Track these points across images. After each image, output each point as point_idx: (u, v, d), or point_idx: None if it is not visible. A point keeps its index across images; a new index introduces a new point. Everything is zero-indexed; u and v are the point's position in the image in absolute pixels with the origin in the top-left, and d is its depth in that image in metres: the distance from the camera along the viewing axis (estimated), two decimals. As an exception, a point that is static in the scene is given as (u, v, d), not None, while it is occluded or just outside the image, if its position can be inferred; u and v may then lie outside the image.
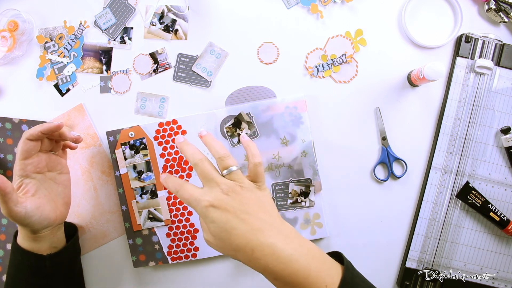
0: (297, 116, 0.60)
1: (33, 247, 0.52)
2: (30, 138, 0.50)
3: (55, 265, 0.53)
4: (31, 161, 0.51)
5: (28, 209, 0.49)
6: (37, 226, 0.51)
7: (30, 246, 0.52)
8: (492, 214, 0.58)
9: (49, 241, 0.53)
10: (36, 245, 0.52)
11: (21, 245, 0.52)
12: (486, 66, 0.57)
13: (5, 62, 0.63)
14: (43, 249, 0.53)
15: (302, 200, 0.60)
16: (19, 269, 0.52)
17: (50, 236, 0.53)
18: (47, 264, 0.52)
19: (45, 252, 0.53)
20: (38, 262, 0.52)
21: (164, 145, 0.61)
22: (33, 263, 0.52)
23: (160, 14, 0.62)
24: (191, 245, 0.61)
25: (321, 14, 0.61)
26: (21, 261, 0.52)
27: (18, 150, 0.50)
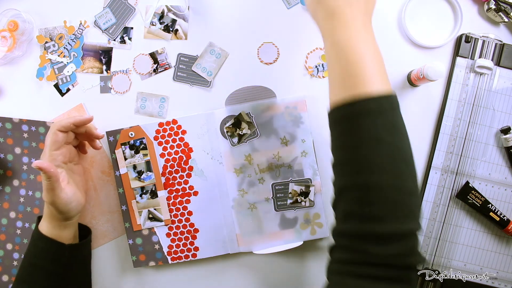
0: (297, 116, 0.60)
1: (58, 235, 0.55)
2: (61, 129, 0.54)
3: (73, 256, 0.56)
4: (60, 152, 0.54)
5: (69, 194, 0.54)
6: (74, 211, 0.55)
7: (54, 234, 0.55)
8: (492, 214, 0.58)
9: (74, 229, 0.58)
10: (61, 233, 0.55)
11: (44, 233, 0.55)
12: (486, 66, 0.57)
13: (5, 62, 0.63)
14: (68, 237, 0.56)
15: (302, 200, 0.60)
16: (39, 256, 0.55)
17: (75, 224, 0.58)
18: (67, 254, 0.55)
19: (67, 242, 0.56)
20: (59, 250, 0.55)
21: (164, 145, 0.61)
22: (55, 250, 0.55)
23: (160, 14, 0.62)
24: (191, 245, 0.61)
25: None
26: (43, 248, 0.54)
27: (48, 142, 0.53)
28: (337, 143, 0.41)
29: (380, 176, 0.37)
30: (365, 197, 0.37)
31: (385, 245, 0.36)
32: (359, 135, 0.38)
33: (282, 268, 0.62)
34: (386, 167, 0.37)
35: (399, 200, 0.37)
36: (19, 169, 0.63)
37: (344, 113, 0.40)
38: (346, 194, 0.39)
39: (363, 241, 0.37)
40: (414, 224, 0.38)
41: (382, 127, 0.38)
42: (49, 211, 0.54)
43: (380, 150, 0.37)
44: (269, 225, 0.60)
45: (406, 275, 0.36)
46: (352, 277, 0.36)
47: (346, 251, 0.38)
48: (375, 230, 0.36)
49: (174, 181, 0.61)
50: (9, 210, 0.64)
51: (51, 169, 0.50)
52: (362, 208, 0.37)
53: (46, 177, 0.50)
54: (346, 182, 0.39)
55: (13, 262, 0.64)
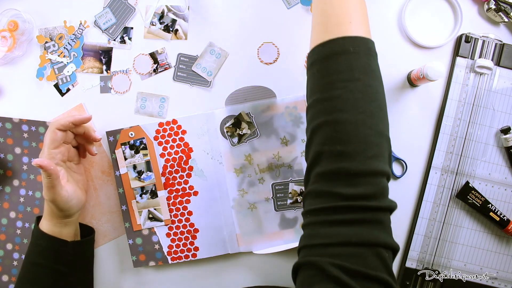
0: (297, 116, 0.60)
1: (59, 233, 0.55)
2: (60, 128, 0.54)
3: (77, 254, 0.57)
4: (59, 150, 0.55)
5: (69, 192, 0.54)
6: (74, 209, 0.55)
7: (55, 232, 0.55)
8: (492, 214, 0.58)
9: (74, 227, 0.58)
10: (62, 231, 0.55)
11: (45, 231, 0.55)
12: (486, 66, 0.57)
13: (5, 62, 0.63)
14: (69, 235, 0.56)
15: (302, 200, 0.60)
16: (42, 255, 0.55)
17: (76, 222, 0.58)
18: (70, 251, 0.56)
19: (69, 239, 0.56)
20: (62, 248, 0.55)
21: (164, 145, 0.61)
22: (58, 248, 0.55)
23: (160, 14, 0.62)
24: (191, 245, 0.61)
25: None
26: (46, 247, 0.55)
27: (47, 140, 0.53)
28: (312, 85, 0.41)
29: (351, 114, 0.37)
30: (337, 134, 0.37)
31: (356, 185, 0.35)
32: (333, 75, 0.38)
33: (282, 268, 0.62)
34: (359, 105, 0.37)
35: (370, 140, 0.36)
36: (19, 169, 0.63)
37: (321, 53, 0.40)
38: (318, 134, 0.38)
39: (334, 182, 0.36)
40: (385, 167, 0.37)
41: (356, 67, 0.38)
42: (49, 209, 0.55)
43: (353, 89, 0.37)
44: (269, 225, 0.60)
45: (377, 216, 0.35)
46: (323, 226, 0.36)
47: (316, 197, 0.38)
48: (346, 169, 0.36)
49: (174, 181, 0.61)
50: (9, 210, 0.64)
51: (51, 166, 0.50)
52: (334, 146, 0.37)
53: (46, 174, 0.50)
54: (319, 122, 0.39)
55: (13, 262, 0.64)
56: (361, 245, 0.34)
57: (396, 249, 0.36)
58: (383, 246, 0.35)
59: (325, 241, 0.35)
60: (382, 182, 0.37)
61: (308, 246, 0.37)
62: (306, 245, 0.37)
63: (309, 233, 0.38)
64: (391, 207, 0.37)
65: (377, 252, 0.34)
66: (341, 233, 0.35)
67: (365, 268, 0.33)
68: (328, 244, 0.35)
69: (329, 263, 0.33)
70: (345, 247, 0.34)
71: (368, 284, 0.33)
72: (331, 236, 0.35)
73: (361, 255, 0.34)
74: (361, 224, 0.35)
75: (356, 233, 0.34)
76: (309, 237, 0.37)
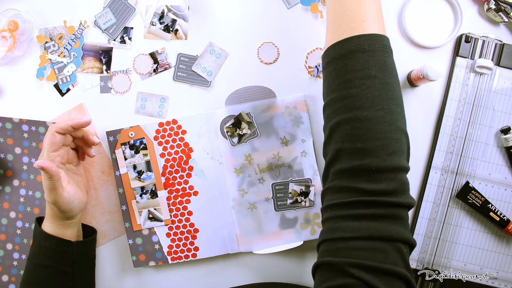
0: (297, 116, 0.60)
1: (62, 234, 0.55)
2: (59, 131, 0.54)
3: (81, 253, 0.57)
4: (58, 153, 0.55)
5: (71, 193, 0.54)
6: (76, 210, 0.56)
7: (58, 234, 0.55)
8: (492, 214, 0.58)
9: (77, 228, 0.58)
10: (65, 232, 0.56)
11: (49, 232, 0.55)
12: (486, 66, 0.57)
13: (5, 62, 0.63)
14: (72, 236, 0.57)
15: (302, 200, 0.60)
16: (46, 256, 0.55)
17: (78, 223, 0.59)
18: (75, 251, 0.56)
19: (72, 240, 0.56)
20: (67, 248, 0.55)
21: (164, 145, 0.61)
22: (63, 248, 0.55)
23: (160, 14, 0.62)
24: (191, 245, 0.61)
25: (321, 14, 0.60)
26: (50, 248, 0.55)
27: (46, 143, 0.54)
28: (329, 83, 0.41)
29: (370, 111, 0.37)
30: (356, 131, 0.37)
31: (377, 181, 0.35)
32: (349, 73, 0.39)
33: (282, 268, 0.62)
34: (377, 102, 0.37)
35: (390, 136, 0.37)
36: (19, 169, 0.63)
37: (337, 52, 0.40)
38: (338, 131, 0.39)
39: (355, 178, 0.36)
40: (405, 162, 0.37)
41: (373, 65, 0.38)
42: (51, 211, 0.55)
43: (370, 86, 0.38)
44: (269, 225, 0.60)
45: (398, 212, 0.36)
46: (345, 220, 0.36)
47: (337, 192, 0.38)
48: (367, 165, 0.36)
49: (174, 181, 0.61)
50: (9, 210, 0.64)
51: (53, 168, 0.50)
52: (354, 143, 0.37)
53: (48, 176, 0.50)
54: (338, 120, 0.39)
55: (13, 262, 0.64)
56: (383, 240, 0.34)
57: (414, 245, 0.36)
58: (403, 242, 0.35)
59: (347, 234, 0.35)
60: (403, 178, 0.37)
61: (329, 240, 0.37)
62: (327, 239, 0.37)
63: (330, 227, 0.37)
64: (411, 204, 0.37)
65: (397, 247, 0.35)
66: (364, 228, 0.35)
67: (385, 264, 0.33)
68: (350, 238, 0.35)
69: (348, 264, 0.34)
70: (368, 241, 0.34)
71: (388, 279, 0.33)
72: (353, 230, 0.35)
73: (383, 250, 0.34)
74: (383, 219, 0.35)
75: (378, 227, 0.35)
76: (330, 231, 0.37)
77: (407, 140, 0.39)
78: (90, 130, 0.60)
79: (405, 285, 0.34)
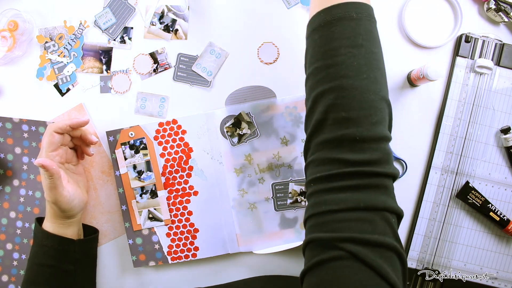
0: (297, 116, 0.60)
1: (64, 233, 0.56)
2: (57, 131, 0.54)
3: (83, 252, 0.57)
4: (57, 153, 0.55)
5: (71, 192, 0.54)
6: (77, 209, 0.56)
7: (60, 233, 0.55)
8: (492, 214, 0.58)
9: (78, 227, 0.58)
10: (66, 231, 0.56)
11: (50, 231, 0.55)
12: (486, 66, 0.57)
13: (5, 62, 0.63)
14: (72, 235, 0.57)
15: (302, 200, 0.60)
16: (48, 255, 0.55)
17: (79, 222, 0.59)
18: (77, 250, 0.56)
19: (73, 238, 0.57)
20: (69, 247, 0.55)
21: (164, 145, 0.61)
22: (65, 247, 0.55)
23: (160, 14, 0.62)
24: (191, 245, 0.61)
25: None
26: (52, 246, 0.55)
27: (44, 143, 0.54)
28: (314, 52, 0.40)
29: (355, 80, 0.36)
30: (341, 100, 0.36)
31: (361, 151, 0.35)
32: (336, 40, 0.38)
33: (282, 268, 0.62)
34: (362, 71, 0.37)
35: (374, 105, 0.36)
36: (19, 169, 0.63)
37: (323, 18, 0.39)
38: (321, 102, 0.38)
39: (338, 149, 0.36)
40: (387, 132, 0.37)
41: (359, 33, 0.38)
42: (52, 210, 0.55)
43: (356, 55, 0.37)
44: (269, 225, 0.60)
45: (383, 182, 0.36)
46: (330, 192, 0.36)
47: (319, 165, 0.37)
48: (351, 135, 0.35)
49: (174, 181, 0.61)
50: (9, 210, 0.64)
51: (53, 166, 0.50)
52: (339, 113, 0.36)
53: (48, 175, 0.51)
54: (322, 89, 0.38)
55: (13, 262, 0.64)
56: (369, 210, 0.34)
57: (401, 214, 0.36)
58: (389, 211, 0.35)
59: (333, 207, 0.35)
60: (386, 148, 0.37)
61: (316, 214, 0.36)
62: (314, 213, 0.37)
63: (315, 202, 0.37)
64: (395, 174, 0.37)
65: (384, 217, 0.34)
66: (349, 199, 0.35)
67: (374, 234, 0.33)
68: (337, 210, 0.35)
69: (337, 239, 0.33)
70: (354, 212, 0.34)
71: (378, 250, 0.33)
72: (339, 202, 0.35)
73: (370, 220, 0.34)
74: (368, 189, 0.35)
75: (363, 198, 0.34)
76: (316, 205, 0.37)
77: (390, 109, 0.39)
78: (88, 130, 0.60)
79: (395, 255, 0.33)
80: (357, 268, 0.32)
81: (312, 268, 0.34)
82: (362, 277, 0.32)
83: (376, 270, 0.32)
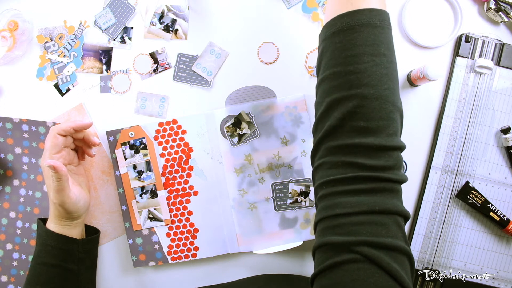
0: (297, 116, 0.60)
1: (68, 234, 0.56)
2: (61, 133, 0.54)
3: (86, 251, 0.57)
4: (60, 155, 0.55)
5: (76, 194, 0.55)
6: (82, 210, 0.56)
7: (64, 234, 0.55)
8: (492, 214, 0.58)
9: (81, 228, 0.59)
10: (71, 232, 0.56)
11: (55, 231, 0.55)
12: (486, 66, 0.57)
13: (5, 62, 0.63)
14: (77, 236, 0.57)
15: (302, 200, 0.60)
16: (51, 254, 0.55)
17: (82, 223, 0.59)
18: (80, 249, 0.56)
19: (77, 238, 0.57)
20: (73, 246, 0.56)
21: (164, 145, 0.61)
22: (68, 246, 0.55)
23: (160, 14, 0.62)
24: (191, 245, 0.61)
25: (322, 23, 0.60)
26: (56, 246, 0.55)
27: (48, 145, 0.54)
28: (333, 55, 0.39)
29: (377, 89, 0.36)
30: (361, 109, 0.36)
31: (377, 158, 0.36)
32: (359, 47, 0.37)
33: (282, 268, 0.62)
34: (384, 81, 0.37)
35: (392, 116, 0.37)
36: (19, 169, 0.63)
37: (346, 22, 0.38)
38: (337, 108, 0.38)
39: (353, 155, 0.36)
40: (401, 143, 0.38)
41: (382, 42, 0.38)
42: (57, 212, 0.55)
43: (379, 63, 0.37)
44: (269, 225, 0.60)
45: (395, 187, 0.36)
46: (344, 195, 0.36)
47: (332, 168, 0.37)
48: (368, 144, 0.36)
49: (174, 181, 0.61)
50: (9, 210, 0.64)
51: (63, 168, 0.51)
52: (357, 121, 0.36)
53: (57, 177, 0.51)
54: (341, 95, 0.38)
55: (12, 262, 0.64)
56: (383, 213, 0.35)
57: (408, 217, 0.37)
58: (400, 214, 0.36)
59: (348, 210, 0.35)
60: (399, 156, 0.37)
61: (329, 217, 0.36)
62: (327, 216, 0.36)
63: (328, 204, 0.37)
64: (405, 180, 0.37)
65: (396, 221, 0.35)
66: (364, 202, 0.35)
67: (387, 237, 0.34)
68: (352, 213, 0.35)
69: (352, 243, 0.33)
70: (369, 215, 0.34)
71: (392, 253, 0.33)
72: (354, 205, 0.35)
73: (384, 223, 0.34)
74: (382, 194, 0.35)
75: (378, 201, 0.35)
76: (329, 208, 0.37)
77: (402, 119, 0.40)
78: (91, 131, 0.60)
79: (407, 259, 0.34)
80: (372, 271, 0.32)
81: (324, 271, 0.35)
82: (377, 280, 0.32)
83: (391, 274, 0.32)
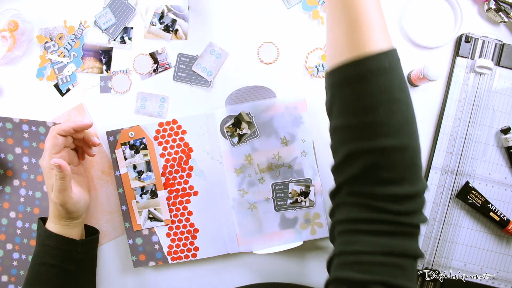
0: (297, 116, 0.60)
1: (68, 234, 0.56)
2: (61, 133, 0.54)
3: (85, 252, 0.57)
4: (60, 155, 0.55)
5: (77, 194, 0.55)
6: (82, 210, 0.57)
7: (64, 234, 0.55)
8: (492, 214, 0.58)
9: (81, 228, 0.59)
10: (70, 232, 0.56)
11: (54, 231, 0.55)
12: (486, 66, 0.57)
13: (5, 62, 0.63)
14: (77, 236, 0.57)
15: (302, 200, 0.60)
16: (51, 254, 0.55)
17: (82, 223, 0.59)
18: (79, 250, 0.56)
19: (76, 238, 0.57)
20: (72, 246, 0.56)
21: (164, 145, 0.61)
22: (68, 247, 0.55)
23: (160, 14, 0.62)
24: (191, 245, 0.61)
25: (322, 21, 0.60)
26: (55, 246, 0.55)
27: (48, 145, 0.54)
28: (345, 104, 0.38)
29: (397, 140, 0.36)
30: (383, 161, 0.36)
31: (401, 203, 0.36)
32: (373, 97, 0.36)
33: (282, 268, 0.62)
34: (402, 129, 0.36)
35: (415, 163, 0.37)
36: (19, 169, 0.63)
37: (354, 72, 0.36)
38: (359, 160, 0.37)
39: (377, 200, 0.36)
40: (424, 185, 0.38)
41: (395, 86, 0.36)
42: (57, 212, 0.55)
43: (395, 111, 0.36)
44: (269, 225, 0.60)
45: (416, 231, 0.37)
46: (363, 234, 0.36)
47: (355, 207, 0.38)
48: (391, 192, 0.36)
49: (174, 181, 0.61)
50: (9, 210, 0.64)
51: (68, 167, 0.51)
52: (378, 173, 0.36)
53: (61, 177, 0.51)
54: (359, 147, 0.37)
55: (12, 262, 0.64)
56: (402, 256, 0.35)
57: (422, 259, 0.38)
58: (416, 258, 0.36)
59: (367, 248, 0.36)
60: (423, 198, 0.38)
61: (347, 252, 0.37)
62: (345, 251, 0.37)
63: (347, 240, 0.37)
64: (425, 223, 0.38)
65: (412, 264, 0.36)
66: (385, 244, 0.35)
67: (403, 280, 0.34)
68: (371, 252, 0.35)
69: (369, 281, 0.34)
70: (388, 256, 0.35)
71: None
72: (374, 245, 0.35)
73: (402, 266, 0.35)
74: (403, 237, 0.36)
75: (399, 244, 0.36)
76: (348, 244, 0.37)
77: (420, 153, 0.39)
78: (91, 131, 0.60)
79: None
80: None
81: None
82: None
83: None
